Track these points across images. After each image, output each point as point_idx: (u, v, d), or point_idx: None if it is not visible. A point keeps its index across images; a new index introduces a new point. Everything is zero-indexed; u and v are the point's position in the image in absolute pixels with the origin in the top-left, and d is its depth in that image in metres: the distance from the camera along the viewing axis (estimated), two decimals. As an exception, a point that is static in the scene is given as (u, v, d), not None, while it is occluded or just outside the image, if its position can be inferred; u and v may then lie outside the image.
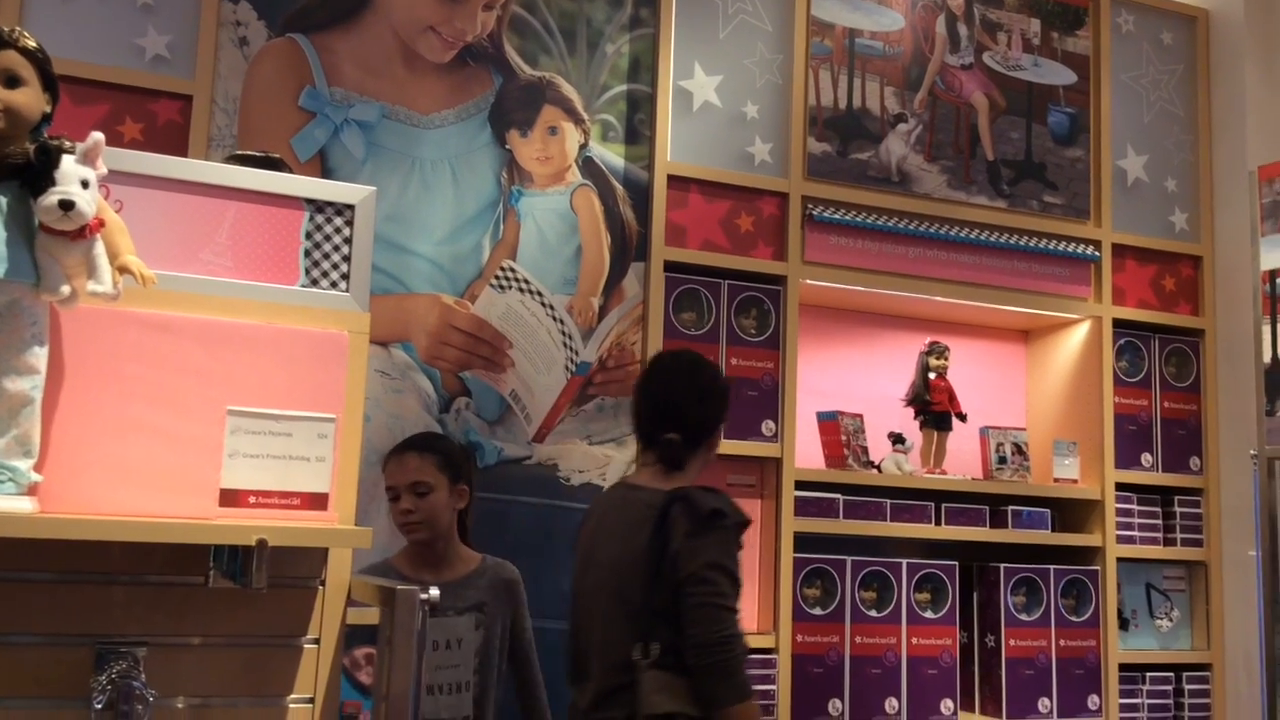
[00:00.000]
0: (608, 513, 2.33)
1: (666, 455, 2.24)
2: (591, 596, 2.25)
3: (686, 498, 2.15)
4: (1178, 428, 4.03)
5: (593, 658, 2.18)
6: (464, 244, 3.33)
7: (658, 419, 2.28)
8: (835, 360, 3.95)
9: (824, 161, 3.66)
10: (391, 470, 2.61)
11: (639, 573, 2.09)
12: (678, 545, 2.08)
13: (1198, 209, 4.15)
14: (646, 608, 2.07)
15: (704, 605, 2.07)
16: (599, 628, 2.19)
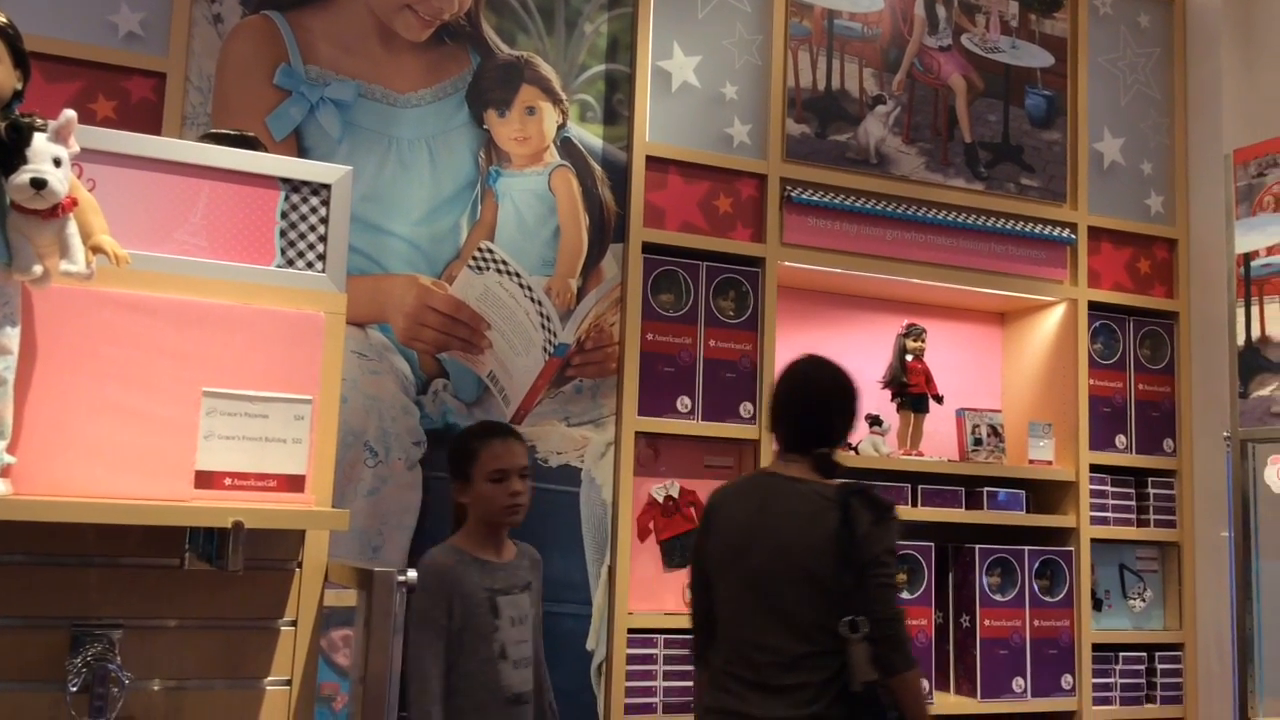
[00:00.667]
0: (769, 501, 2.47)
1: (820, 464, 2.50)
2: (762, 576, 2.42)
3: (864, 492, 2.43)
4: (1151, 410, 4.06)
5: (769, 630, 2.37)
6: (441, 224, 3.32)
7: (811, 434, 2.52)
8: (813, 342, 3.93)
9: (802, 143, 3.66)
10: (501, 453, 2.57)
11: (829, 555, 2.33)
12: (863, 532, 2.34)
13: (1173, 192, 4.17)
14: (838, 587, 2.32)
15: (883, 586, 2.34)
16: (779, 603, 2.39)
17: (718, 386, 3.48)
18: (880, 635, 2.31)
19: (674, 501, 3.45)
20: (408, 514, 3.18)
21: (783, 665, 2.36)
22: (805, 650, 2.36)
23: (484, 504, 2.57)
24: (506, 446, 2.59)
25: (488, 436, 2.61)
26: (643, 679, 3.29)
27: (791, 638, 2.37)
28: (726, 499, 2.62)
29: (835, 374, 2.60)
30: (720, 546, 2.55)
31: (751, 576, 2.45)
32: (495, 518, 2.58)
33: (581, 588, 3.31)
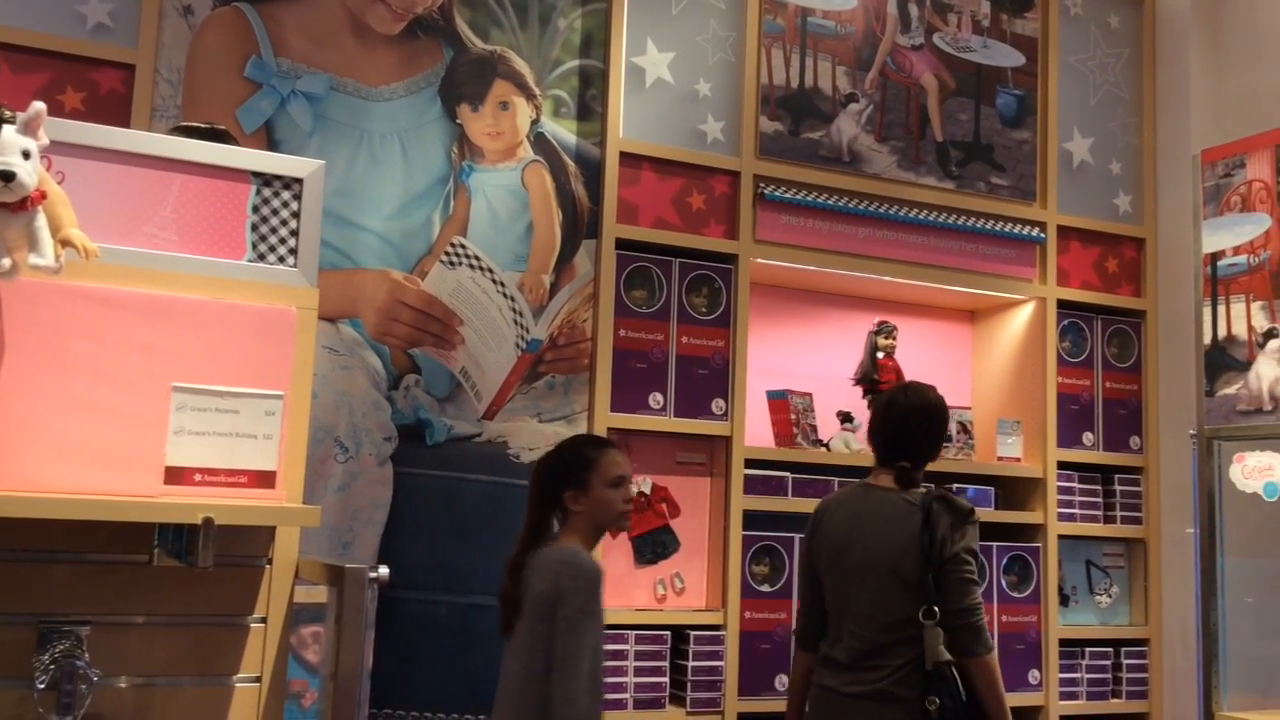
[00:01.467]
0: (864, 508, 2.83)
1: (902, 478, 2.82)
2: (856, 572, 2.76)
3: (945, 498, 2.74)
4: (1119, 407, 4.10)
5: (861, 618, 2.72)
6: (414, 219, 3.30)
7: (896, 448, 2.85)
8: (785, 339, 3.97)
9: (776, 140, 3.67)
10: (619, 461, 2.69)
11: (912, 554, 2.66)
12: (942, 534, 2.66)
13: (1141, 192, 4.22)
14: (920, 582, 2.64)
15: (961, 580, 2.65)
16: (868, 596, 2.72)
17: (690, 383, 3.49)
18: (959, 624, 2.63)
19: (646, 498, 3.45)
20: (378, 510, 3.17)
21: (870, 650, 2.69)
22: (890, 638, 2.67)
23: (602, 509, 2.64)
24: (622, 455, 2.72)
25: (605, 446, 2.73)
26: (614, 675, 3.29)
27: (881, 628, 2.69)
28: (830, 506, 2.96)
29: (919, 399, 2.91)
30: (825, 547, 2.88)
31: (849, 573, 2.78)
32: (611, 521, 2.69)
33: (553, 584, 3.31)
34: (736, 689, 3.40)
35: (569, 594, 2.44)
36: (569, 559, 2.52)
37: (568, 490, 2.64)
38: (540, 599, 2.48)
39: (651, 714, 3.33)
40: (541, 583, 2.50)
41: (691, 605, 3.49)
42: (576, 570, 2.47)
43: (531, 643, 2.47)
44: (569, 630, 2.41)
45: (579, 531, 2.65)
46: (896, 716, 2.61)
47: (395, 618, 3.12)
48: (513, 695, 2.51)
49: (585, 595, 2.45)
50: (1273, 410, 3.03)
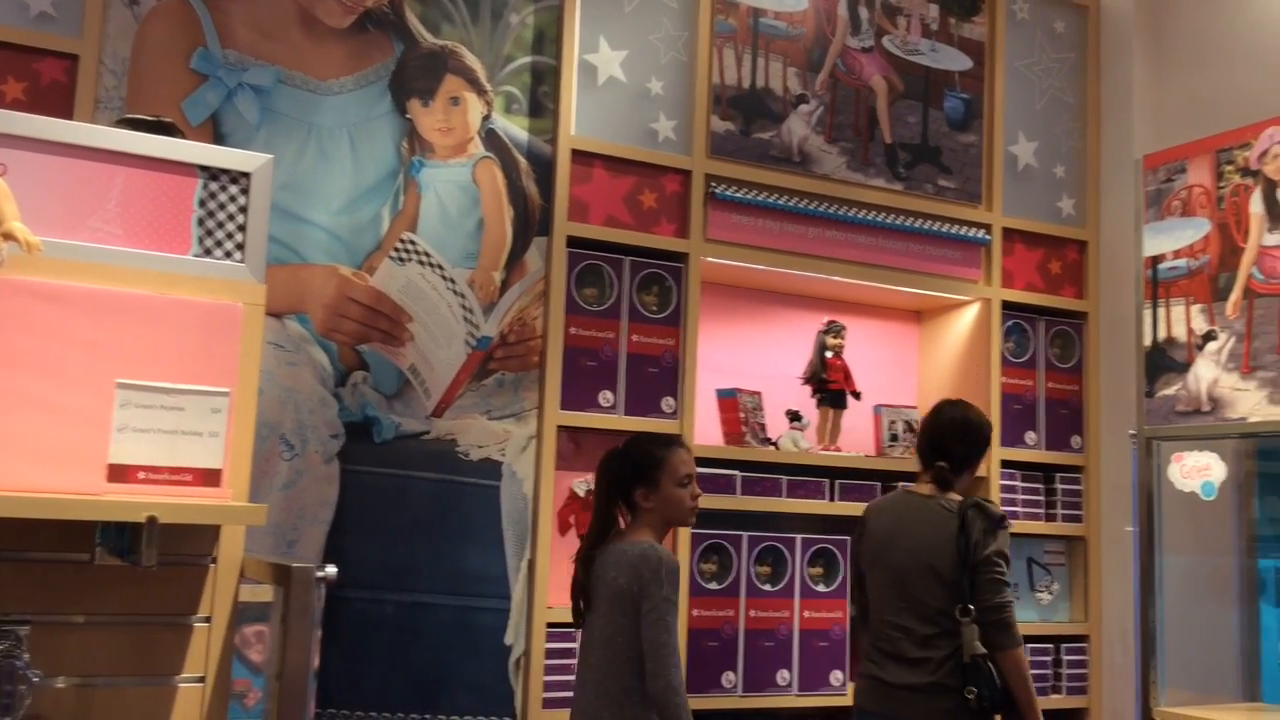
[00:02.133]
0: (905, 512, 3.08)
1: (938, 477, 3.06)
2: (898, 570, 3.00)
3: (979, 505, 2.97)
4: (1061, 407, 4.17)
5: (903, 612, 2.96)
6: (362, 214, 3.28)
7: (937, 453, 3.08)
8: (735, 338, 3.99)
9: (727, 140, 3.68)
10: (687, 459, 2.81)
11: (949, 555, 2.91)
12: (976, 538, 2.90)
13: (1084, 195, 4.29)
14: (956, 581, 2.88)
15: (994, 580, 2.87)
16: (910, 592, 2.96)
17: (640, 381, 3.49)
18: (991, 619, 2.86)
19: (595, 496, 3.45)
20: (324, 508, 3.14)
21: (914, 642, 2.93)
22: (931, 631, 2.91)
23: (672, 505, 2.77)
24: (688, 454, 2.85)
25: (672, 444, 2.84)
26: (561, 673, 3.29)
27: (921, 621, 2.93)
28: (876, 510, 3.21)
29: (961, 414, 3.14)
30: (870, 548, 3.12)
31: (892, 572, 3.02)
32: (680, 517, 2.82)
33: (500, 581, 3.30)
34: (685, 687, 3.41)
35: (651, 585, 2.57)
36: (647, 552, 2.63)
37: (639, 488, 2.76)
38: (622, 592, 2.60)
39: (599, 712, 3.33)
40: (622, 577, 2.62)
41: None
42: (657, 563, 2.60)
43: (613, 634, 2.60)
44: (658, 620, 2.55)
45: (650, 526, 2.76)
46: (949, 706, 2.86)
47: (341, 616, 3.09)
48: (592, 686, 2.64)
49: (668, 585, 2.59)
50: (1211, 411, 3.09)
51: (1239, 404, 3.03)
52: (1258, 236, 3.01)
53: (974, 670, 2.83)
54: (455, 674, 3.23)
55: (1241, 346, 3.04)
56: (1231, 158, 3.11)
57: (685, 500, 2.78)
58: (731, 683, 3.50)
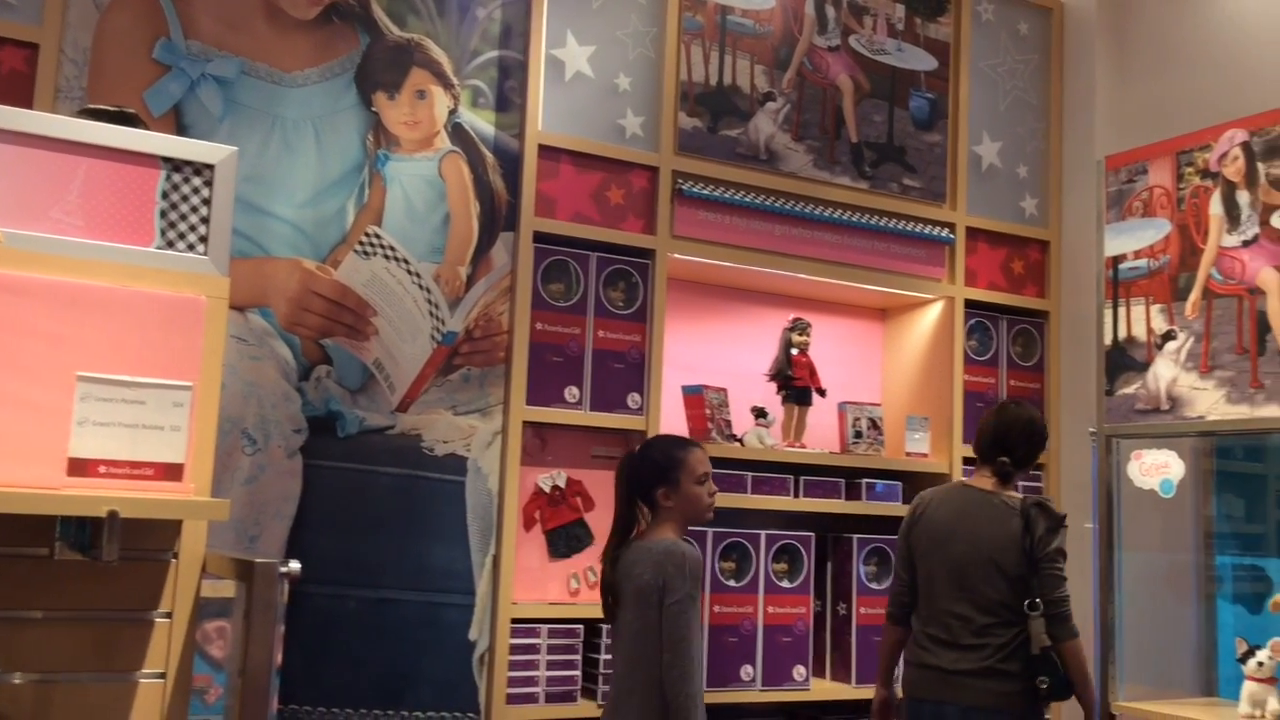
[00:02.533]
0: (966, 505, 3.21)
1: (1000, 472, 3.22)
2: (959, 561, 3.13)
3: (1041, 504, 3.12)
4: (1022, 405, 4.20)
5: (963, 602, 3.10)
6: (327, 208, 3.25)
7: (997, 447, 3.24)
8: (701, 334, 4.00)
9: (694, 137, 3.69)
10: (704, 459, 2.95)
11: (1012, 551, 3.06)
12: (1040, 535, 3.05)
13: (1047, 196, 4.33)
14: (1020, 576, 3.05)
15: (1054, 576, 3.04)
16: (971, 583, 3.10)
17: (606, 377, 3.49)
18: (1053, 613, 3.02)
19: (561, 491, 3.45)
20: (287, 503, 3.12)
21: (972, 630, 3.07)
22: (989, 621, 3.06)
23: (691, 503, 2.90)
24: (705, 454, 2.98)
25: (690, 446, 2.98)
26: (525, 669, 3.29)
27: (979, 610, 3.08)
28: (932, 499, 3.32)
29: (1025, 413, 3.31)
30: (925, 536, 3.24)
31: (952, 562, 3.14)
32: (699, 515, 2.94)
33: (465, 577, 3.29)
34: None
35: (675, 581, 2.71)
36: (671, 549, 2.78)
37: (660, 488, 2.89)
38: (647, 588, 2.74)
39: (563, 707, 3.33)
40: (647, 573, 2.76)
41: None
42: (681, 560, 2.74)
43: (641, 629, 2.74)
44: (679, 614, 2.68)
45: (671, 524, 2.89)
46: (1003, 688, 3.02)
47: (304, 612, 3.07)
48: (624, 678, 2.78)
49: (691, 582, 2.73)
50: (1169, 410, 3.13)
51: (1197, 403, 3.07)
52: (1217, 238, 3.06)
53: (1044, 661, 3.01)
54: (419, 670, 3.22)
55: (1200, 346, 3.08)
56: (1192, 160, 3.15)
57: (704, 498, 2.92)
58: (695, 678, 3.50)
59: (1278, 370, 2.87)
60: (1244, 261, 2.98)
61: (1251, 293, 2.96)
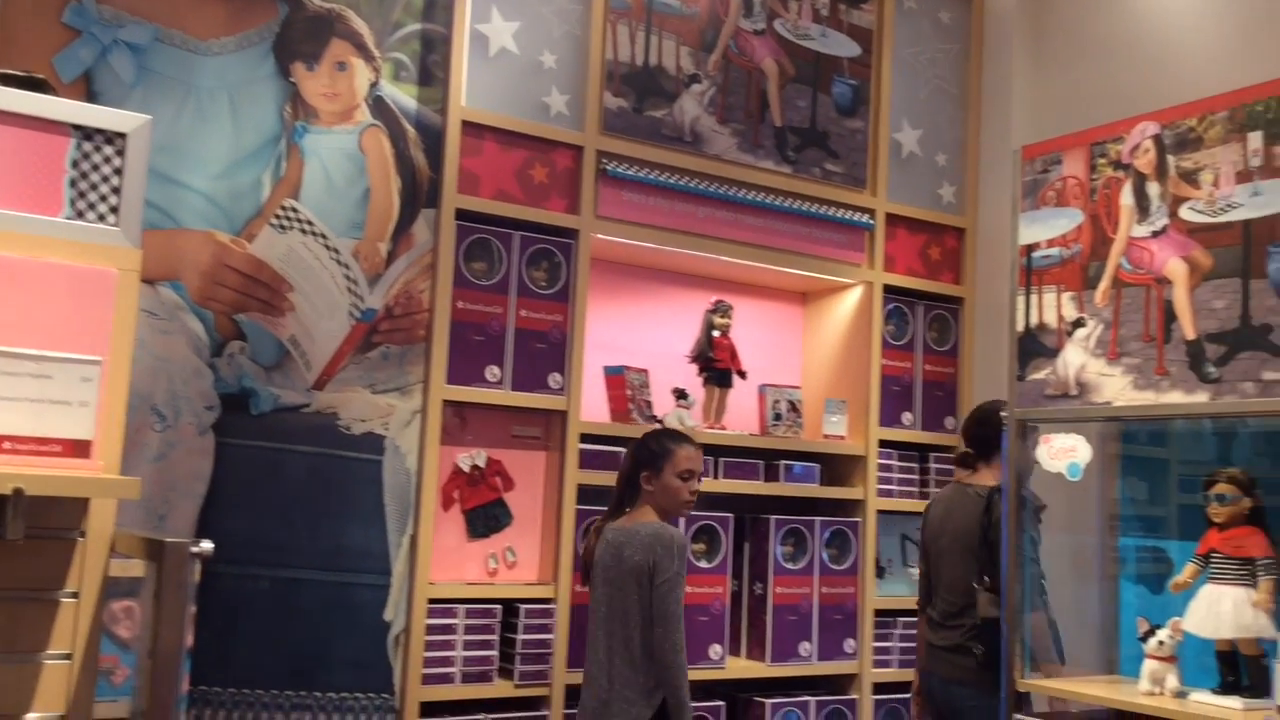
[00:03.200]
0: (950, 500, 3.54)
1: (961, 459, 3.58)
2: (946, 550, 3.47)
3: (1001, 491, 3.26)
4: (936, 389, 4.29)
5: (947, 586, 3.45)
6: (242, 180, 3.18)
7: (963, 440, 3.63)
8: (623, 315, 4.00)
9: (619, 117, 3.67)
10: (692, 456, 3.14)
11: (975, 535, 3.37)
12: (996, 516, 3.28)
13: (964, 183, 4.40)
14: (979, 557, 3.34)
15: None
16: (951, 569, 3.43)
17: (528, 357, 3.48)
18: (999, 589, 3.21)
19: (480, 471, 3.43)
20: (198, 482, 3.06)
21: (952, 611, 3.41)
22: (965, 601, 3.37)
23: (669, 494, 3.10)
24: (696, 451, 3.17)
25: (683, 441, 3.18)
26: (442, 649, 3.27)
27: (957, 593, 3.40)
28: (934, 497, 3.70)
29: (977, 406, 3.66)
30: (927, 531, 3.60)
31: (940, 550, 3.50)
32: (674, 507, 3.12)
33: (381, 557, 3.26)
34: (565, 661, 3.43)
35: (664, 561, 2.91)
36: (659, 532, 2.98)
37: (645, 471, 3.10)
38: (638, 568, 2.93)
39: (479, 687, 3.32)
40: (637, 554, 2.95)
41: (523, 579, 3.49)
42: (669, 542, 2.95)
43: (629, 604, 2.94)
44: (668, 591, 2.89)
45: (652, 508, 3.09)
46: (966, 663, 3.32)
47: (215, 592, 3.02)
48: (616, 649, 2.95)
49: (678, 561, 2.93)
50: (1078, 395, 3.21)
51: (1105, 389, 3.15)
52: (1127, 228, 3.13)
53: (985, 631, 3.27)
54: (333, 651, 3.18)
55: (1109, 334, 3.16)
56: (1105, 151, 3.22)
57: (681, 492, 3.10)
58: (613, 658, 3.52)
59: (1182, 358, 2.95)
60: (1153, 252, 3.06)
61: (1159, 282, 3.04)
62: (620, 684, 2.92)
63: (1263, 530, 2.98)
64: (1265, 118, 2.82)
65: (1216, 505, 3.01)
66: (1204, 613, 2.99)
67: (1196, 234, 2.95)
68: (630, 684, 2.91)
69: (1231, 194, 2.89)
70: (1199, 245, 2.94)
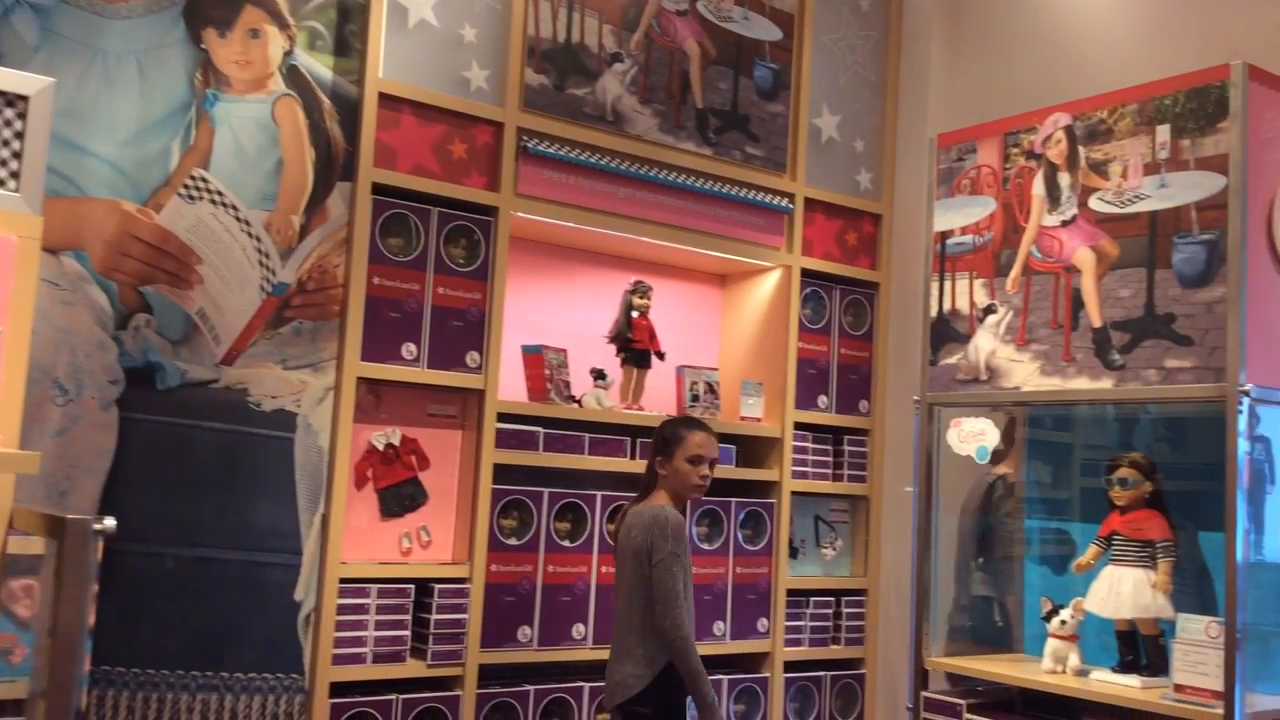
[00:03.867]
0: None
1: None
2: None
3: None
4: (851, 373, 4.34)
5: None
6: (150, 148, 3.09)
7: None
8: (542, 294, 3.97)
9: (541, 94, 3.64)
10: (703, 442, 3.22)
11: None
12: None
13: (881, 170, 4.45)
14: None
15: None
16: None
17: (445, 335, 3.44)
18: None
19: (395, 449, 3.39)
20: (101, 457, 2.97)
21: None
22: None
23: (680, 478, 3.20)
24: (707, 438, 3.25)
25: (695, 428, 3.27)
26: (353, 629, 3.23)
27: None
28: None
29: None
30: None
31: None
32: (685, 490, 3.23)
33: (292, 536, 3.21)
34: (479, 641, 3.41)
35: (659, 542, 3.06)
36: (657, 514, 3.12)
37: (658, 457, 3.24)
38: (639, 548, 3.09)
39: (391, 668, 3.29)
40: (639, 535, 3.10)
41: (437, 559, 3.46)
42: (664, 524, 3.09)
43: (636, 583, 3.09)
44: (665, 571, 3.04)
45: (666, 492, 3.22)
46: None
47: (118, 571, 2.94)
48: (623, 623, 3.13)
49: (673, 541, 3.08)
50: (988, 380, 3.28)
51: (1013, 374, 3.22)
52: (1038, 217, 3.20)
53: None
54: (241, 631, 3.12)
55: (1018, 320, 3.23)
56: (1018, 141, 3.28)
57: (691, 477, 3.20)
58: (528, 637, 3.51)
59: (1089, 345, 3.03)
60: (1062, 241, 3.13)
61: (1068, 270, 3.11)
62: (626, 653, 3.09)
63: (1163, 514, 3.08)
64: (1173, 111, 2.90)
65: (1118, 489, 3.10)
66: (1105, 593, 3.09)
67: (1105, 224, 3.03)
68: (633, 654, 3.08)
69: (1139, 186, 2.96)
70: (1107, 235, 3.02)
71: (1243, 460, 2.64)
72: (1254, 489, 2.71)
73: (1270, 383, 2.72)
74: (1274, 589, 2.91)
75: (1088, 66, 3.84)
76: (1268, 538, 2.87)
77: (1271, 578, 2.90)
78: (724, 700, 3.88)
